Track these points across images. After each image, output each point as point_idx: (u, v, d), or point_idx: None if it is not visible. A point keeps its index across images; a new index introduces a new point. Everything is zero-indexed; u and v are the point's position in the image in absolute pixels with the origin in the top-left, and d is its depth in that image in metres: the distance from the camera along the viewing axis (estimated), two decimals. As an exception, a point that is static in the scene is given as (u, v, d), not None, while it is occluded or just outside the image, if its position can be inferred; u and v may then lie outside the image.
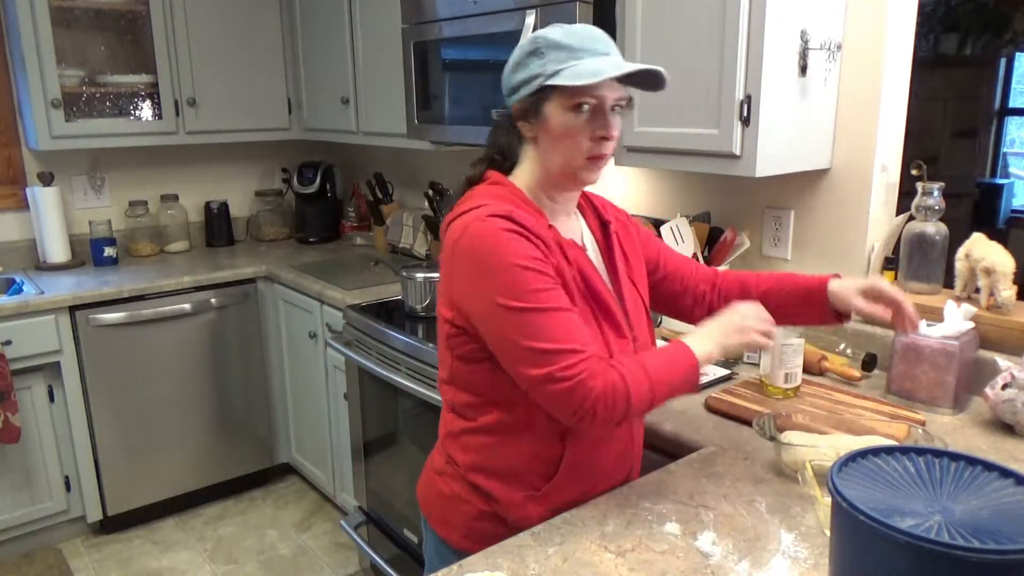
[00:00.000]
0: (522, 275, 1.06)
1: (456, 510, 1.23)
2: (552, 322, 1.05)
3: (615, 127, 1.13)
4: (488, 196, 1.15)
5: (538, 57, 1.10)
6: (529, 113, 1.13)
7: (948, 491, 0.80)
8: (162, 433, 2.91)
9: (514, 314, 1.06)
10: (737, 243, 1.94)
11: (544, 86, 1.09)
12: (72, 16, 2.95)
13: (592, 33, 1.11)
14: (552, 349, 1.04)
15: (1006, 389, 1.42)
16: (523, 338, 1.05)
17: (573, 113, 1.10)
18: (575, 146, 1.12)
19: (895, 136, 1.79)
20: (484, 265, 1.08)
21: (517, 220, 1.09)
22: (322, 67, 3.15)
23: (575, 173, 1.15)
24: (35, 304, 2.57)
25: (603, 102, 1.10)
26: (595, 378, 1.04)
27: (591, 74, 1.05)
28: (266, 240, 3.62)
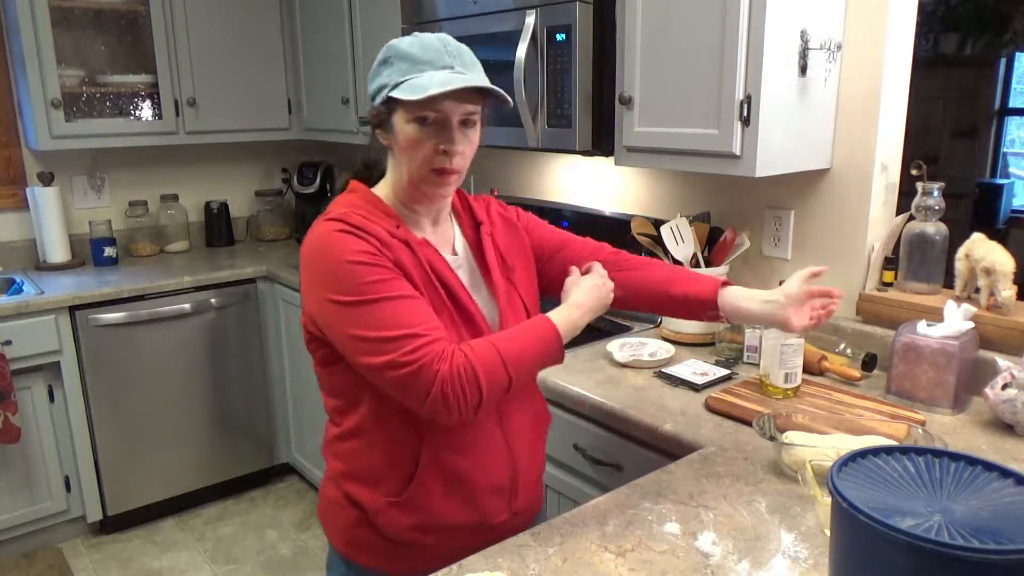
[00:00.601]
0: (351, 270, 1.05)
1: (336, 516, 1.24)
2: (388, 310, 1.04)
3: (459, 141, 1.11)
4: (338, 204, 1.17)
5: (387, 67, 1.10)
6: (382, 122, 1.14)
7: (948, 491, 0.80)
8: (162, 433, 2.91)
9: (348, 308, 1.05)
10: (737, 243, 1.94)
11: (389, 97, 1.09)
12: (72, 16, 2.95)
13: (437, 44, 1.10)
14: (390, 336, 1.03)
15: (1006, 389, 1.42)
16: (360, 329, 1.04)
17: (416, 125, 1.10)
18: (418, 157, 1.11)
19: (895, 136, 1.79)
20: (318, 267, 1.09)
21: (349, 222, 1.09)
22: (322, 67, 3.16)
23: (422, 184, 1.14)
24: (35, 304, 2.57)
25: (447, 116, 1.09)
26: (440, 361, 1.02)
27: (420, 89, 1.05)
28: (266, 240, 3.62)
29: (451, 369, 1.02)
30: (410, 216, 1.20)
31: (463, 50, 1.13)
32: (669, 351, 1.86)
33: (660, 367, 1.79)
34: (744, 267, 2.05)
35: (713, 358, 1.86)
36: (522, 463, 1.25)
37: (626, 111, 1.82)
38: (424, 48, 1.09)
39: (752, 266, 2.04)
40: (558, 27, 1.88)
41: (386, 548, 1.19)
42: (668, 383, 1.72)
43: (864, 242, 1.80)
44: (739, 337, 1.85)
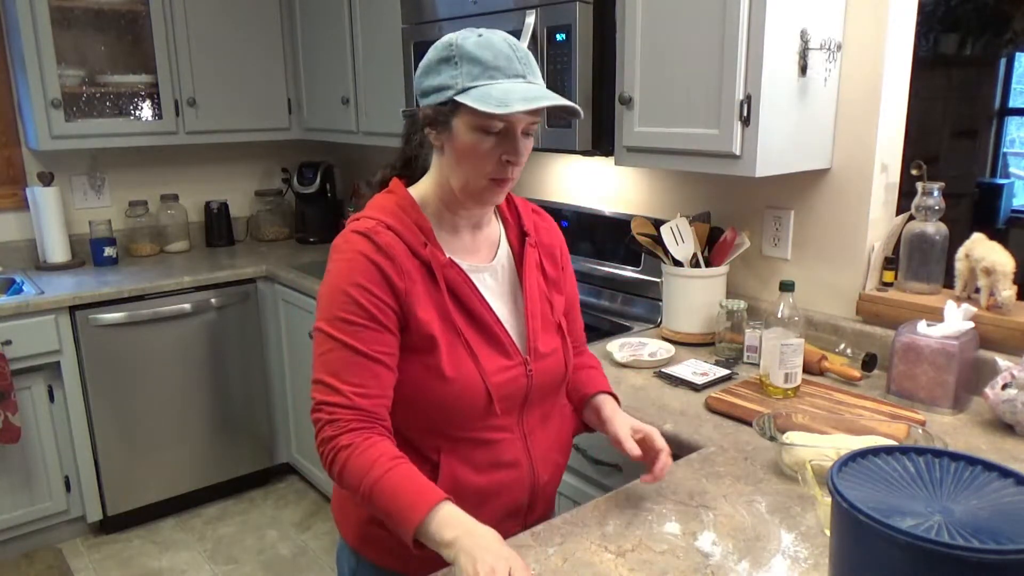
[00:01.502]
0: (341, 300, 1.07)
1: (350, 511, 1.24)
2: (338, 357, 1.06)
3: (523, 152, 1.09)
4: (375, 206, 1.15)
5: (450, 66, 1.05)
6: (437, 122, 1.09)
7: (948, 491, 0.80)
8: (162, 433, 2.91)
9: (318, 333, 1.09)
10: (737, 243, 1.94)
11: (453, 100, 1.04)
12: (72, 16, 2.95)
13: (508, 50, 1.05)
14: (323, 380, 1.06)
15: (1006, 389, 1.42)
16: (316, 358, 1.09)
17: (481, 133, 1.05)
18: (479, 167, 1.08)
19: (895, 136, 1.79)
20: (326, 278, 1.11)
21: (375, 239, 1.08)
22: (322, 67, 3.15)
23: (476, 193, 1.11)
24: (35, 304, 2.57)
25: (513, 126, 1.06)
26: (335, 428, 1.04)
27: (500, 102, 1.01)
28: (266, 240, 3.62)
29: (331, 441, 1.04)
30: (449, 220, 1.17)
31: (529, 55, 1.08)
32: (669, 351, 1.86)
33: (660, 367, 1.79)
34: (744, 267, 2.05)
35: (713, 358, 1.86)
36: (543, 479, 1.23)
37: (626, 111, 1.82)
38: (495, 53, 1.04)
39: (752, 266, 2.04)
40: (558, 27, 1.88)
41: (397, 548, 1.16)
42: (668, 383, 1.72)
43: (864, 242, 1.80)
44: (739, 337, 1.85)
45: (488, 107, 1.00)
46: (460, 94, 1.03)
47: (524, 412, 1.19)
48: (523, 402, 1.18)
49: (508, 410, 1.16)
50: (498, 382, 1.14)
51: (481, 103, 1.01)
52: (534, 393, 1.19)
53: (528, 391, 1.18)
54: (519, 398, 1.17)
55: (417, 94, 1.11)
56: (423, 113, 1.10)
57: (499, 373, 1.14)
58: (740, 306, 1.86)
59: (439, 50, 1.07)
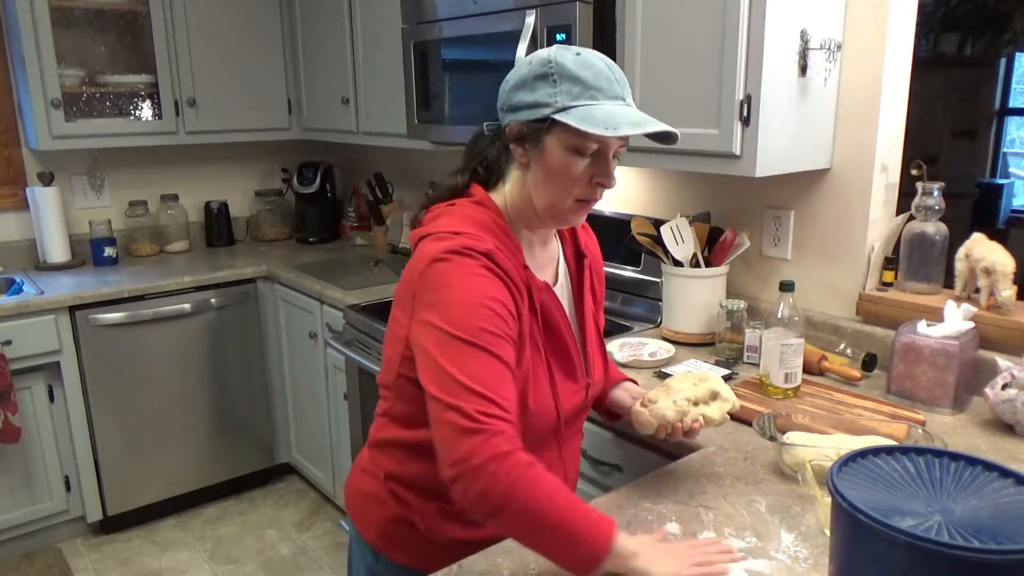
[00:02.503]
0: (480, 312, 1.00)
1: (373, 510, 1.21)
2: (487, 365, 0.98)
3: (614, 175, 1.08)
4: (469, 221, 1.09)
5: (549, 84, 1.02)
6: (527, 139, 1.06)
7: (948, 491, 0.80)
8: (162, 433, 2.91)
9: (453, 340, 0.98)
10: (737, 243, 1.94)
11: (550, 118, 1.02)
12: (72, 16, 2.95)
13: (607, 71, 1.04)
14: (471, 387, 0.96)
15: (1006, 389, 1.42)
16: (449, 363, 0.97)
17: (575, 154, 1.04)
18: (569, 187, 1.06)
19: (895, 136, 1.79)
20: (450, 296, 1.01)
21: (496, 260, 1.04)
22: (322, 67, 3.15)
23: (561, 214, 1.10)
24: (35, 304, 2.57)
25: (607, 148, 1.05)
26: (509, 443, 0.94)
27: (605, 124, 0.99)
28: (266, 240, 3.61)
29: (510, 456, 0.93)
30: (525, 236, 1.15)
31: (625, 78, 1.07)
32: (669, 351, 1.86)
33: (660, 367, 1.79)
34: (744, 267, 2.05)
35: (713, 358, 1.86)
36: (570, 481, 1.25)
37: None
38: (595, 74, 1.02)
39: (752, 266, 2.04)
40: (558, 27, 1.88)
41: (424, 547, 1.17)
42: (668, 383, 1.72)
43: (864, 242, 1.80)
44: (739, 337, 1.85)
45: (595, 129, 0.99)
46: (560, 112, 1.01)
47: (568, 426, 1.21)
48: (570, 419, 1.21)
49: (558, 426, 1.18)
50: (567, 408, 1.16)
51: (586, 124, 0.99)
52: (583, 411, 1.23)
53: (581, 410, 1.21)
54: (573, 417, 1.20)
55: (505, 107, 1.09)
56: (512, 128, 1.07)
57: (569, 398, 1.16)
58: (740, 306, 1.86)
59: (535, 66, 1.04)
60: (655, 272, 2.12)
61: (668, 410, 1.19)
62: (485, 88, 2.18)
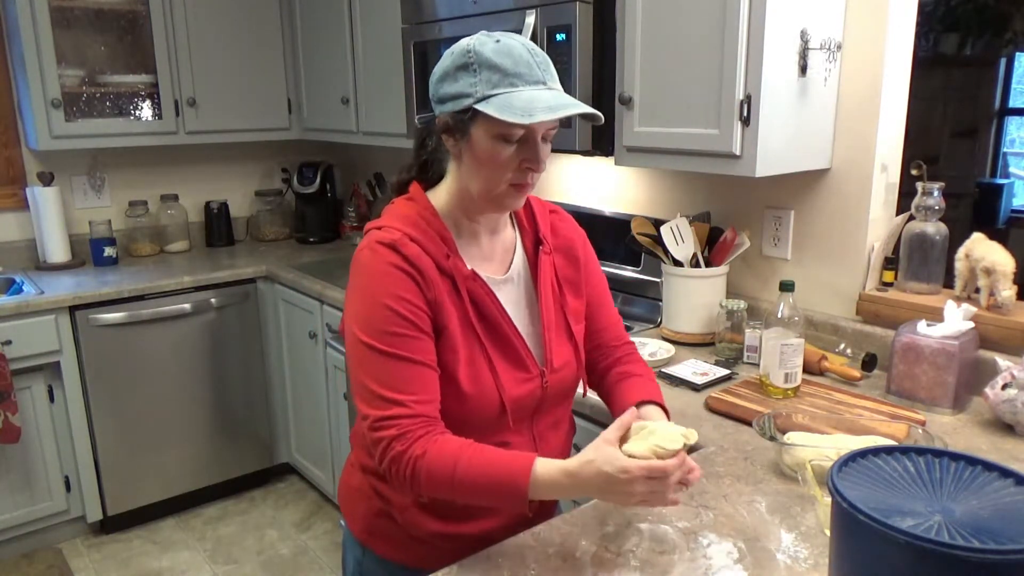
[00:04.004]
0: (383, 314, 1.04)
1: (359, 504, 1.24)
2: (393, 369, 1.04)
3: (543, 158, 1.08)
4: (397, 215, 1.12)
5: (469, 74, 1.03)
6: (455, 130, 1.07)
7: (948, 491, 0.80)
8: (162, 433, 2.91)
9: (365, 348, 1.05)
10: (737, 243, 1.94)
11: (472, 107, 1.03)
12: (72, 16, 2.95)
13: (527, 55, 1.04)
14: (381, 394, 1.03)
15: (1006, 389, 1.42)
16: (364, 374, 1.05)
17: (501, 141, 1.04)
18: (499, 174, 1.07)
19: (895, 136, 1.79)
20: (358, 293, 1.08)
21: (402, 251, 1.07)
22: (322, 67, 3.15)
23: (497, 199, 1.10)
24: (35, 304, 2.57)
25: (534, 133, 1.05)
26: (403, 441, 1.01)
27: (523, 111, 0.99)
28: (266, 240, 3.61)
29: (404, 455, 1.01)
30: (467, 227, 1.16)
31: (548, 60, 1.07)
32: (669, 351, 1.86)
33: (660, 367, 1.79)
34: (744, 267, 2.05)
35: (713, 358, 1.86)
36: None
37: (626, 111, 1.82)
38: (515, 60, 1.02)
39: (752, 266, 2.04)
40: (558, 27, 1.88)
41: (405, 541, 1.19)
42: (668, 383, 1.72)
43: (864, 242, 1.80)
44: (739, 337, 1.85)
45: (512, 117, 0.99)
46: (480, 102, 1.02)
47: (535, 418, 1.20)
48: (535, 410, 1.19)
49: (520, 419, 1.17)
50: (515, 396, 1.14)
51: (503, 112, 1.00)
52: (547, 402, 1.20)
53: (542, 401, 1.19)
54: (531, 408, 1.18)
55: (433, 100, 1.09)
56: (440, 120, 1.09)
57: (516, 386, 1.14)
58: (740, 306, 1.86)
59: (456, 56, 1.05)
60: (655, 272, 2.12)
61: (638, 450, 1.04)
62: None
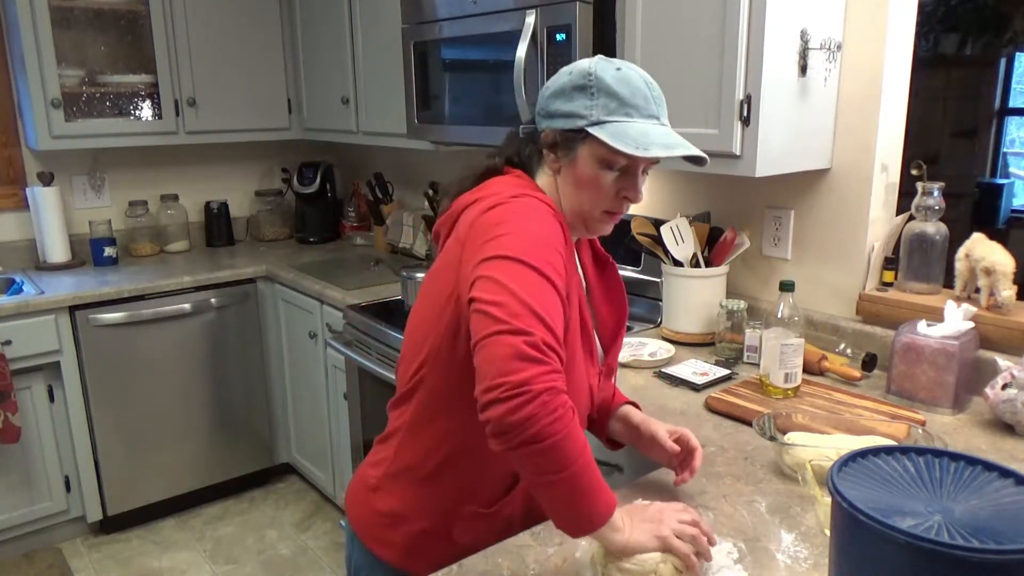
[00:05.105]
0: (554, 254, 0.97)
1: (394, 528, 1.14)
2: (553, 299, 0.94)
3: (642, 190, 1.10)
4: (520, 186, 1.08)
5: (586, 97, 1.04)
6: (560, 146, 1.08)
7: (948, 491, 0.80)
8: (162, 433, 2.91)
9: (523, 267, 0.93)
10: (737, 243, 1.94)
11: (585, 129, 1.03)
12: (72, 16, 2.95)
13: (645, 89, 1.05)
14: (546, 320, 0.90)
15: (1006, 389, 1.42)
16: (522, 290, 0.90)
17: (604, 168, 1.06)
18: (597, 198, 1.08)
19: (895, 136, 1.79)
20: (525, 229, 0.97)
21: (560, 220, 1.05)
22: (322, 67, 3.15)
23: (589, 223, 1.12)
24: (35, 304, 2.57)
25: (637, 165, 1.07)
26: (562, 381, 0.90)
27: (636, 143, 1.00)
28: (266, 240, 3.61)
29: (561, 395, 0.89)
30: None
31: (662, 97, 1.08)
32: (669, 351, 1.86)
33: (660, 367, 1.79)
34: (744, 267, 2.05)
35: (713, 358, 1.86)
36: None
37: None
38: (633, 91, 1.04)
39: (752, 266, 2.04)
40: (558, 27, 1.88)
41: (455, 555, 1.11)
42: (668, 383, 1.72)
43: (864, 242, 1.80)
44: (739, 337, 1.85)
45: (626, 147, 1.00)
46: (594, 126, 1.03)
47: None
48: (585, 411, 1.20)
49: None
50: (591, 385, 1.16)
51: (617, 140, 1.01)
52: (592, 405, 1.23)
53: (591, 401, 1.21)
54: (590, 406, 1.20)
55: (541, 114, 1.10)
56: (548, 135, 1.09)
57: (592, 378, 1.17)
58: (740, 306, 1.86)
59: (575, 76, 1.06)
60: (655, 272, 2.12)
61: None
62: (485, 88, 2.18)
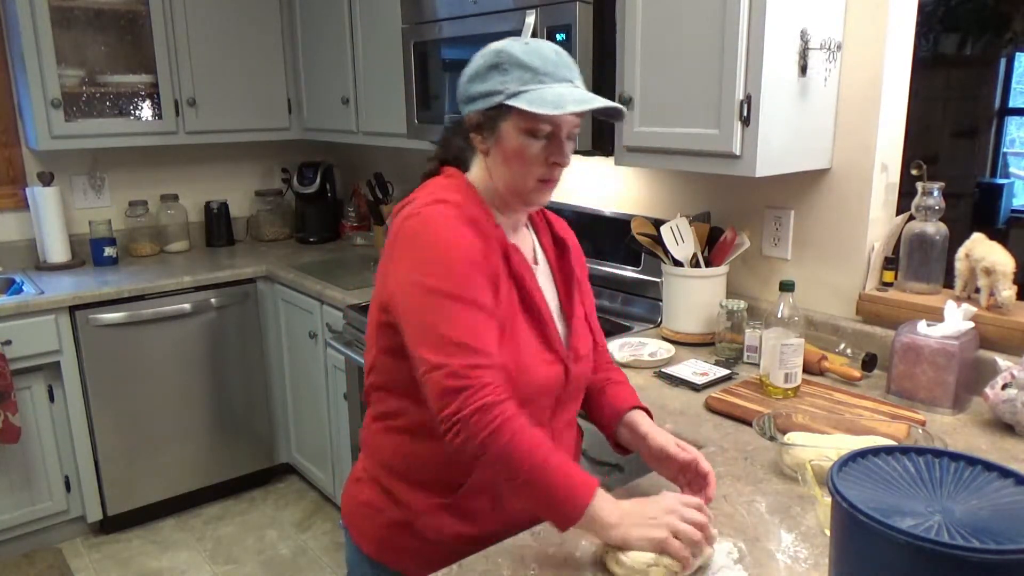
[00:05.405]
0: (461, 263, 1.04)
1: (369, 518, 1.20)
2: (470, 317, 1.02)
3: (568, 154, 1.12)
4: (442, 188, 1.14)
5: (500, 73, 1.08)
6: (484, 127, 1.12)
7: (948, 491, 0.80)
8: (162, 433, 2.91)
9: (438, 296, 1.02)
10: (737, 243, 1.94)
11: (503, 104, 1.07)
12: (72, 16, 2.95)
13: (554, 56, 1.09)
14: (459, 341, 1.00)
15: (1006, 389, 1.42)
16: (437, 320, 1.02)
17: (529, 137, 1.09)
18: (526, 169, 1.11)
19: (895, 136, 1.79)
20: (426, 247, 1.06)
21: (465, 210, 1.09)
22: (322, 67, 3.15)
23: (523, 195, 1.14)
24: (35, 304, 2.57)
25: (560, 129, 1.10)
26: (495, 393, 0.99)
27: (553, 104, 1.04)
28: (266, 240, 3.61)
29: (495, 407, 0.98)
30: (497, 218, 1.18)
31: (572, 62, 1.12)
32: (669, 351, 1.86)
33: (660, 367, 1.79)
34: (744, 267, 2.05)
35: (713, 358, 1.86)
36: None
37: (626, 111, 1.82)
38: (543, 59, 1.08)
39: (752, 266, 2.04)
40: (558, 27, 1.88)
41: (422, 549, 1.16)
42: (668, 383, 1.72)
43: (864, 242, 1.80)
44: (739, 337, 1.85)
45: (543, 109, 1.04)
46: (511, 98, 1.06)
47: (556, 413, 1.20)
48: (556, 402, 1.19)
49: (543, 408, 1.17)
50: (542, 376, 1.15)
51: (535, 106, 1.04)
52: (567, 394, 1.20)
53: (563, 390, 1.19)
54: (553, 396, 1.18)
55: (463, 101, 1.14)
56: (469, 118, 1.13)
57: (544, 367, 1.15)
58: (740, 306, 1.86)
59: (487, 57, 1.10)
60: (655, 272, 2.12)
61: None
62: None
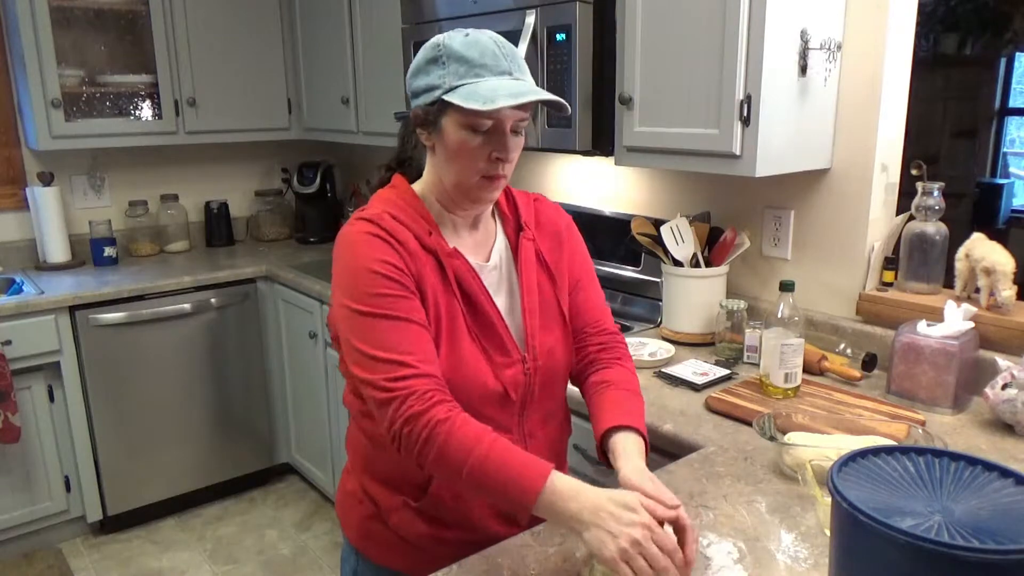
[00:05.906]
0: (369, 278, 1.05)
1: (353, 509, 1.25)
2: (388, 330, 1.03)
3: (513, 148, 1.09)
4: (379, 201, 1.15)
5: (437, 66, 1.06)
6: (427, 123, 1.10)
7: (948, 491, 0.80)
8: (162, 433, 2.91)
9: (354, 315, 1.05)
10: (737, 243, 1.94)
11: (443, 100, 1.05)
12: (72, 16, 2.95)
13: (494, 47, 1.06)
14: (380, 356, 1.02)
15: (1006, 389, 1.42)
16: (358, 340, 1.04)
17: (469, 132, 1.06)
18: (469, 164, 1.08)
19: (895, 136, 1.79)
20: (340, 266, 1.09)
21: (382, 225, 1.08)
22: (322, 67, 3.15)
23: (469, 191, 1.12)
24: (35, 304, 2.57)
25: (502, 123, 1.06)
26: (422, 401, 0.99)
27: (486, 98, 1.01)
28: (266, 240, 3.61)
29: (424, 415, 0.99)
30: (448, 217, 1.17)
31: (515, 52, 1.09)
32: (669, 351, 1.86)
33: (660, 367, 1.79)
34: (744, 267, 2.05)
35: (713, 358, 1.86)
36: None
37: (626, 111, 1.82)
38: (481, 51, 1.05)
39: (752, 266, 2.04)
40: (558, 27, 1.88)
41: (397, 545, 1.19)
42: (668, 383, 1.72)
43: (864, 242, 1.80)
44: (739, 337, 1.85)
45: (474, 104, 1.01)
46: (447, 93, 1.04)
47: (525, 413, 1.19)
48: (523, 403, 1.18)
49: (508, 410, 1.16)
50: (497, 379, 1.13)
51: (467, 100, 1.02)
52: (534, 393, 1.18)
53: (528, 390, 1.17)
54: (519, 397, 1.16)
55: (408, 95, 1.12)
56: (414, 114, 1.11)
57: (499, 371, 1.14)
58: (740, 306, 1.86)
59: (427, 51, 1.08)
60: (655, 272, 2.12)
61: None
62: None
